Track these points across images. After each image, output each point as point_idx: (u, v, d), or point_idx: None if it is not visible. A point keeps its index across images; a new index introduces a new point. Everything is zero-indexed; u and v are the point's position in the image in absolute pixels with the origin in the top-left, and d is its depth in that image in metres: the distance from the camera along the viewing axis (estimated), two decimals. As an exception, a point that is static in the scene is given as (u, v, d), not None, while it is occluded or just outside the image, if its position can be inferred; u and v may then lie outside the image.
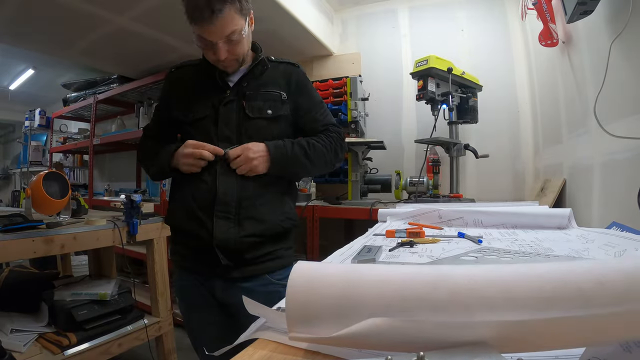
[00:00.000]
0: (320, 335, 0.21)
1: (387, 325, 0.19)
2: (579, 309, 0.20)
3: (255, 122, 0.86)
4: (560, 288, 0.21)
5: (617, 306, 0.20)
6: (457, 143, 1.50)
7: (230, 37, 0.79)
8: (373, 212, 1.16)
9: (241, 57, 0.86)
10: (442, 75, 1.42)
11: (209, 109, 0.87)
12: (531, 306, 0.20)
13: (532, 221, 0.85)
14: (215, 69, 0.87)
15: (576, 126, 1.13)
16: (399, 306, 0.20)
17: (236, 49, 0.82)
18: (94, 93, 2.97)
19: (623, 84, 0.82)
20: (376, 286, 0.20)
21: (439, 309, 0.19)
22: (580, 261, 0.28)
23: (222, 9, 0.75)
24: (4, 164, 5.15)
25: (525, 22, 1.60)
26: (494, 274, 0.21)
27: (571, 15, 0.91)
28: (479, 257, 0.56)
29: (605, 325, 0.21)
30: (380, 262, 0.58)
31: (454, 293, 0.20)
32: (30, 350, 1.25)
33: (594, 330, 0.21)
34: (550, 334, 0.21)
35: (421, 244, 0.65)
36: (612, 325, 0.21)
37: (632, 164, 0.79)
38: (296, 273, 0.23)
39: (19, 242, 1.15)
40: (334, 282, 0.22)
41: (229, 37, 0.79)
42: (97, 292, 1.45)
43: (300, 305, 0.22)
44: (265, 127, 0.87)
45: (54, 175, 1.49)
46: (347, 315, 0.21)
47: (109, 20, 1.84)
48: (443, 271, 0.21)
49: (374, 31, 2.14)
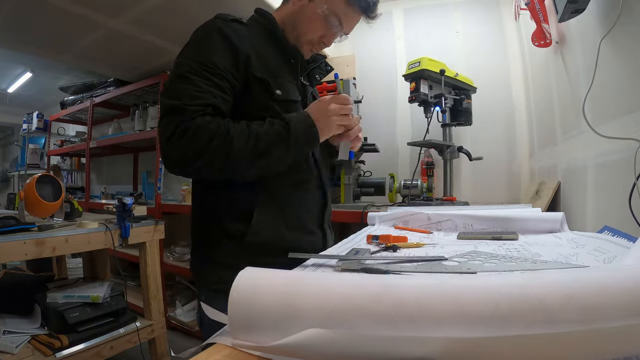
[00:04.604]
0: (261, 343, 0.21)
1: (327, 337, 0.18)
2: (542, 325, 0.19)
3: None
4: (520, 302, 0.20)
5: (587, 323, 0.19)
6: (450, 145, 1.48)
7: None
8: (365, 215, 1.14)
9: None
10: (435, 77, 1.41)
11: (296, 93, 0.73)
12: (485, 322, 0.19)
13: (524, 226, 0.83)
14: (294, 49, 0.75)
15: (570, 127, 1.12)
16: (340, 317, 0.18)
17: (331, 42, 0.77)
18: (90, 96, 2.97)
19: (613, 83, 0.81)
20: (318, 295, 0.19)
21: (383, 322, 0.18)
22: (547, 272, 0.27)
23: (376, 15, 0.77)
24: (3, 166, 5.18)
25: (520, 23, 1.59)
26: (445, 286, 0.20)
27: (562, 14, 0.90)
28: (462, 261, 0.55)
29: (572, 344, 0.19)
30: (366, 265, 0.57)
31: (398, 305, 0.18)
32: (22, 352, 1.25)
33: (559, 349, 0.19)
34: (507, 353, 0.19)
35: (405, 248, 0.64)
36: (580, 344, 0.19)
37: (624, 165, 0.77)
38: (241, 279, 0.22)
39: (11, 244, 1.16)
40: (277, 290, 0.21)
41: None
42: (89, 295, 1.45)
43: (242, 312, 0.21)
44: None
45: (47, 178, 1.49)
46: (287, 324, 0.20)
47: (104, 23, 1.84)
48: (389, 282, 0.20)
49: (369, 33, 2.13)
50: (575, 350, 0.19)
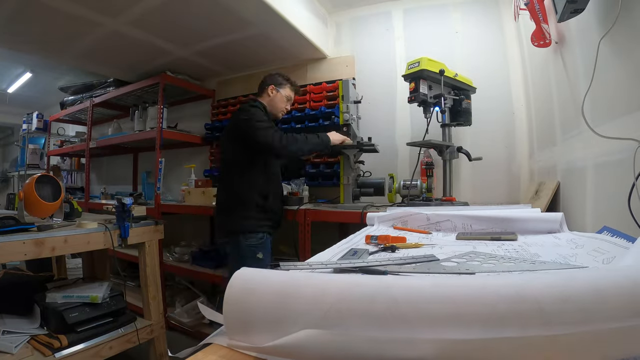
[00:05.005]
0: (256, 344, 0.20)
1: (321, 338, 0.18)
2: (539, 327, 0.19)
3: None
4: (517, 304, 0.19)
5: (585, 325, 0.19)
6: (449, 146, 1.48)
7: None
8: (364, 215, 1.14)
9: None
10: (434, 77, 1.41)
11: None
12: (481, 323, 0.19)
13: (523, 226, 0.83)
14: None
15: (569, 128, 1.12)
16: (334, 318, 0.18)
17: None
18: (90, 96, 2.97)
19: (613, 83, 0.81)
20: (312, 296, 0.19)
21: (376, 323, 0.18)
22: (544, 273, 0.27)
23: None
24: (3, 167, 5.18)
25: (520, 24, 1.59)
26: (441, 286, 0.20)
27: (561, 14, 0.89)
28: (460, 262, 0.55)
29: (569, 346, 0.19)
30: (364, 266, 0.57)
31: (392, 306, 0.18)
32: (21, 352, 1.25)
33: (557, 351, 0.19)
34: (504, 355, 0.19)
35: (403, 248, 0.64)
36: (578, 346, 0.19)
37: (623, 165, 0.77)
38: (235, 279, 0.22)
39: (10, 244, 1.16)
40: (271, 290, 0.21)
41: None
42: (88, 295, 1.44)
43: (236, 312, 0.21)
44: None
45: (46, 178, 1.49)
46: (282, 325, 0.19)
47: (104, 23, 1.84)
48: (384, 282, 0.20)
49: (368, 34, 2.13)
50: (573, 352, 0.19)
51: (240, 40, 2.03)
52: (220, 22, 1.84)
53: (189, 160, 2.71)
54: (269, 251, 1.57)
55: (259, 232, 1.52)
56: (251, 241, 1.50)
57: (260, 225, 1.53)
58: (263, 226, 1.54)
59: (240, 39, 2.01)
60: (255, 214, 1.53)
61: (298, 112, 2.11)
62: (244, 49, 2.16)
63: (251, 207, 1.52)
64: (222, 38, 2.03)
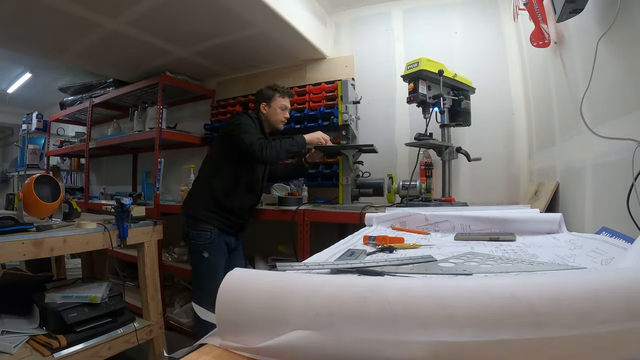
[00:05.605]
0: (249, 344, 0.20)
1: (313, 339, 0.18)
2: (533, 329, 0.18)
3: None
4: (510, 306, 0.19)
5: (579, 328, 0.18)
6: (448, 146, 1.48)
7: None
8: (363, 216, 1.14)
9: None
10: (433, 77, 1.41)
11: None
12: (474, 325, 0.19)
13: (522, 227, 0.83)
14: None
15: (569, 128, 1.12)
16: (326, 319, 0.18)
17: None
18: (90, 97, 2.97)
19: (611, 83, 0.80)
20: (304, 297, 0.19)
21: (368, 324, 0.18)
22: (539, 275, 0.27)
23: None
24: (3, 167, 5.18)
25: (519, 24, 1.59)
26: (434, 287, 0.20)
27: (560, 14, 0.89)
28: (458, 263, 0.55)
29: (563, 350, 0.18)
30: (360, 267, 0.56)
31: (384, 307, 0.18)
32: (20, 352, 1.25)
33: (551, 355, 0.19)
34: (496, 358, 0.19)
35: (401, 249, 0.64)
36: (572, 349, 0.18)
37: (622, 166, 0.77)
38: (228, 280, 0.22)
39: (8, 244, 1.16)
40: (264, 291, 0.20)
41: None
42: (87, 295, 1.44)
43: (229, 313, 0.21)
44: None
45: (46, 178, 1.49)
46: (274, 326, 0.19)
47: (104, 23, 1.84)
48: (376, 283, 0.19)
49: (368, 34, 2.13)
50: (567, 355, 0.19)
51: (240, 40, 2.03)
52: (220, 22, 1.84)
53: (188, 160, 2.70)
54: (221, 251, 1.59)
55: (206, 231, 1.55)
56: (198, 240, 1.55)
57: (209, 218, 1.56)
58: (212, 220, 1.56)
59: (240, 39, 2.01)
60: (207, 204, 1.57)
61: (297, 112, 2.10)
62: (244, 49, 2.15)
63: (207, 198, 1.58)
64: (222, 38, 2.03)
